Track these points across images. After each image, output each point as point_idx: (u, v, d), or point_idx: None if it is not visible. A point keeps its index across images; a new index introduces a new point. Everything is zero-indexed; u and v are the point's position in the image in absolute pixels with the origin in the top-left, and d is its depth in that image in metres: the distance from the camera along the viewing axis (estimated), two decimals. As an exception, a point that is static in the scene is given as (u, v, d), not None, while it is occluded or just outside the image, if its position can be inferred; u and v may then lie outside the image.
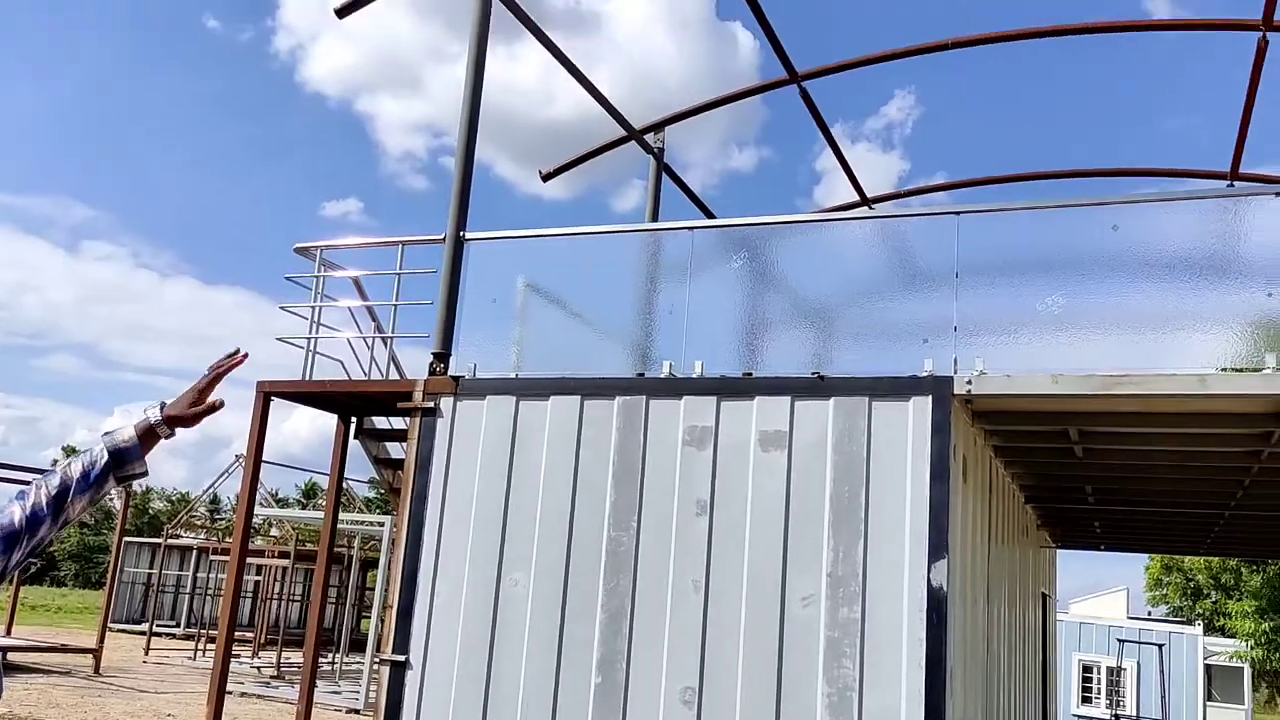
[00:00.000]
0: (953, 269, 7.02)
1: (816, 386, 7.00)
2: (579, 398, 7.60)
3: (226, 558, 30.79)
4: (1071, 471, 9.53)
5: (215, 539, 34.28)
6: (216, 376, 2.39)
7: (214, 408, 2.42)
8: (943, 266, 7.11)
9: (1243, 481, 9.15)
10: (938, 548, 6.48)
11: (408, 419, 8.03)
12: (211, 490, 35.76)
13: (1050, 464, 9.24)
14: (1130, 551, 28.62)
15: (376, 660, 8.55)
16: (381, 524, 25.63)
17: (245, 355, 2.50)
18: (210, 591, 32.37)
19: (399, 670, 7.55)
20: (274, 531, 35.92)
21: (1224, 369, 6.31)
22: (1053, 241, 7.02)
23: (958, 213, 7.10)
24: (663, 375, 7.48)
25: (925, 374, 6.77)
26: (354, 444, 9.58)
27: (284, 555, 31.90)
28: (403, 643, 7.60)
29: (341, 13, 8.88)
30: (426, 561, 7.68)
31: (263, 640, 30.46)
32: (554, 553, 7.38)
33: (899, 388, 6.81)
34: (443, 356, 8.06)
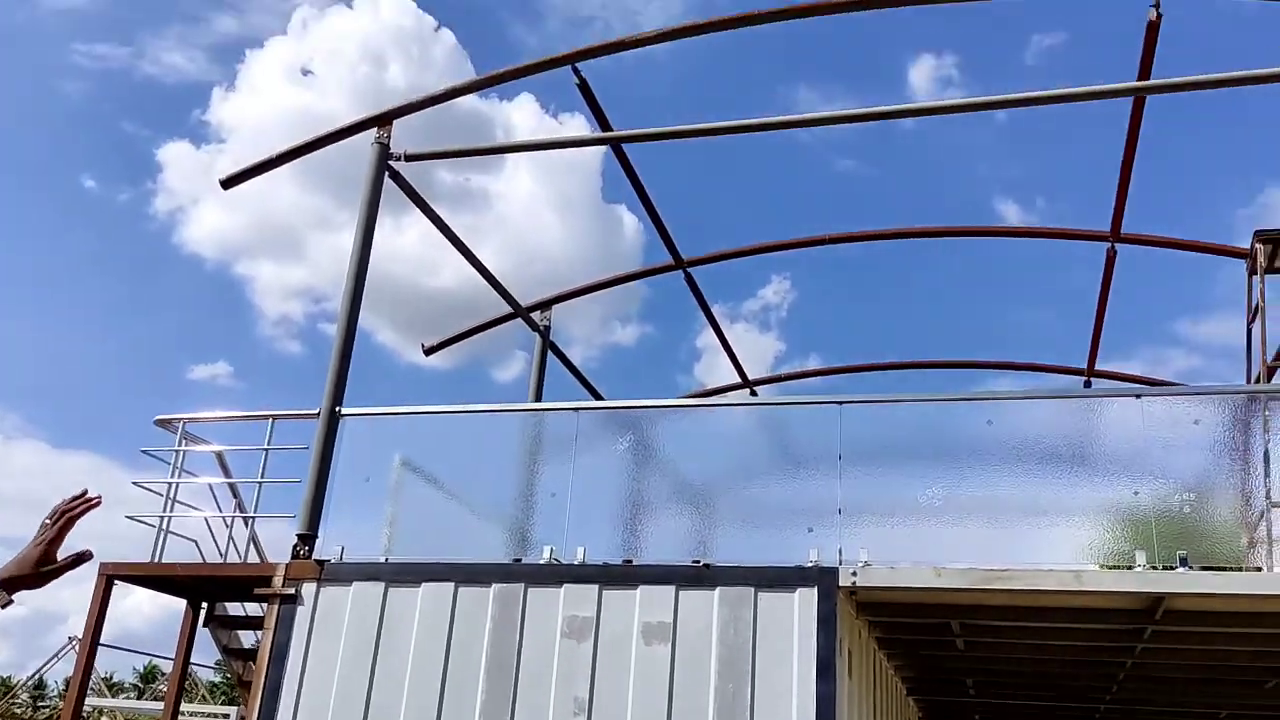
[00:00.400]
0: (836, 456, 7.04)
1: (702, 576, 6.82)
2: (452, 585, 7.23)
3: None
4: (954, 664, 9.45)
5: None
6: (67, 522, 2.00)
7: (77, 561, 2.04)
8: (827, 454, 7.12)
9: (1118, 676, 9.20)
10: (824, 748, 6.23)
11: (264, 606, 7.48)
12: (38, 675, 32.94)
13: (933, 656, 9.16)
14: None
15: None
16: (227, 715, 23.82)
17: (99, 499, 2.13)
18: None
19: None
20: (107, 720, 33.03)
21: (1100, 565, 6.40)
22: (932, 433, 7.13)
23: (840, 402, 7.18)
24: (543, 561, 7.19)
25: (811, 564, 6.68)
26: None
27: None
28: None
29: (227, 184, 8.76)
30: (277, 765, 7.02)
31: (84, 845, 27.41)
32: (419, 755, 6.84)
33: (785, 578, 6.68)
34: (308, 538, 7.61)
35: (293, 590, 7.36)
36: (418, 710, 6.93)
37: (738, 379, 15.10)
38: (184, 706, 28.49)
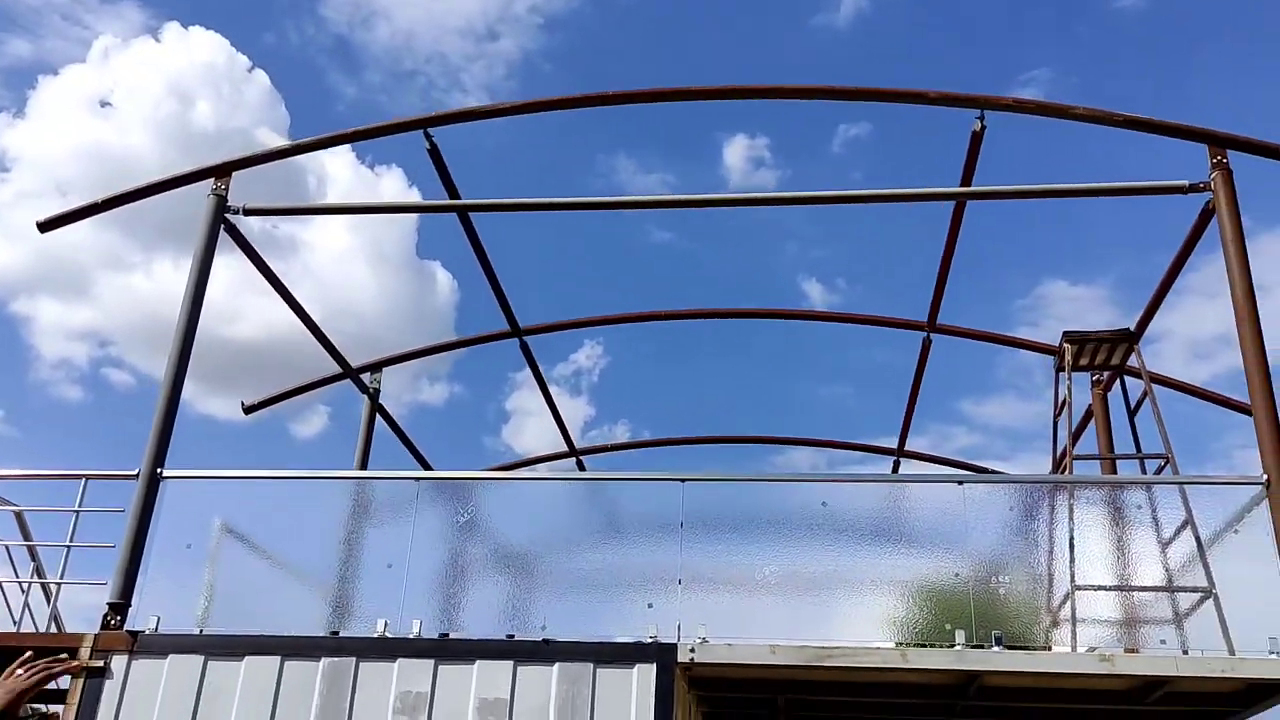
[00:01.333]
0: (677, 532, 7.19)
1: (540, 651, 6.79)
2: (278, 658, 6.93)
3: None
4: (773, 737, 9.67)
5: None
6: (46, 678, 1.88)
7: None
8: (667, 529, 7.27)
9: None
10: (659, 827, 6.26)
11: (69, 680, 6.95)
12: None
13: (754, 729, 9.34)
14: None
15: None
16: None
17: (79, 665, 2.01)
18: None
19: None
20: None
21: (911, 644, 6.75)
22: (770, 511, 7.36)
23: (683, 479, 7.36)
24: (376, 635, 7.00)
25: (651, 640, 6.76)
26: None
27: None
28: None
29: (44, 227, 8.28)
30: None
31: None
32: (234, 842, 6.47)
33: (624, 654, 6.73)
34: (120, 607, 7.15)
35: (101, 663, 6.88)
36: (235, 793, 6.56)
37: (548, 444, 15.23)
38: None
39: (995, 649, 6.50)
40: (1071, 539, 6.83)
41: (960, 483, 7.13)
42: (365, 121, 8.73)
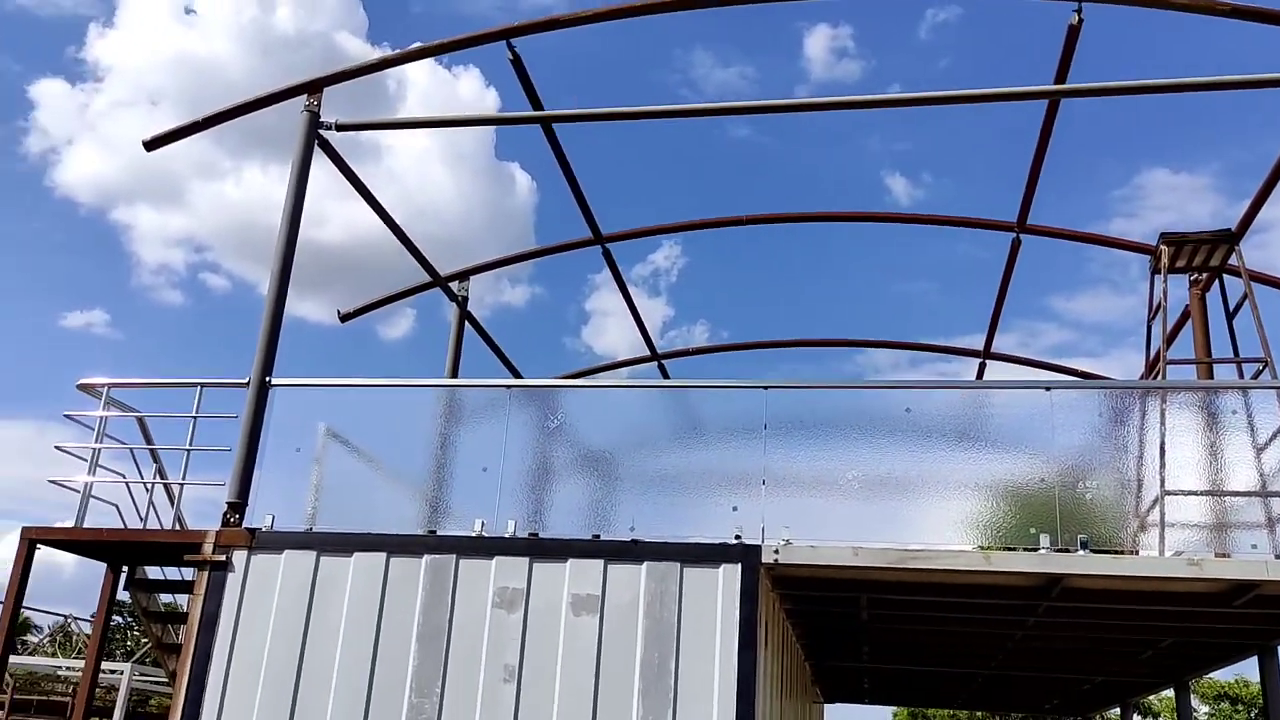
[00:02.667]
0: (761, 437, 7.34)
1: (629, 550, 7.07)
2: (384, 555, 7.34)
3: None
4: (854, 633, 9.94)
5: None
6: None
7: None
8: (751, 433, 7.42)
9: (1005, 645, 9.81)
10: (745, 714, 6.57)
11: (194, 572, 7.48)
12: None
13: (837, 626, 9.62)
14: (892, 705, 29.77)
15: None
16: (120, 671, 23.37)
17: None
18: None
19: None
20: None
21: (995, 547, 6.85)
22: (854, 416, 7.45)
23: (766, 387, 7.49)
24: (474, 534, 7.35)
25: (735, 542, 6.98)
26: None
27: (-6, 706, 28.43)
28: (170, 824, 6.89)
29: (150, 145, 8.58)
30: (205, 731, 7.06)
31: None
32: (349, 721, 6.97)
33: (709, 554, 6.97)
34: (238, 506, 7.62)
35: (223, 557, 7.38)
36: (350, 678, 7.05)
37: (629, 345, 15.40)
38: (72, 662, 27.79)
39: (1080, 552, 6.57)
40: (1162, 444, 6.81)
41: (1048, 388, 7.11)
42: (441, 21, 9.10)
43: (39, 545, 7.85)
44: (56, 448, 8.16)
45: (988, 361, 14.44)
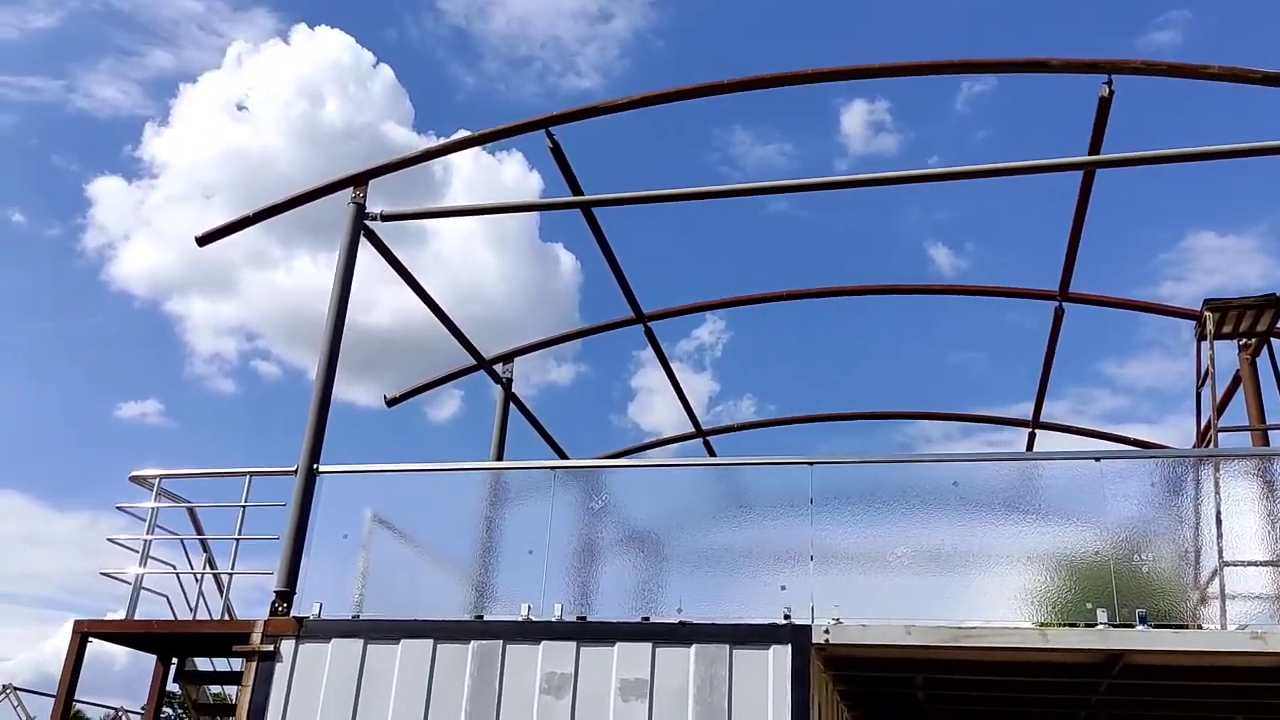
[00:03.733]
0: (808, 516, 7.28)
1: (677, 632, 6.99)
2: (431, 641, 7.32)
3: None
4: (911, 715, 9.70)
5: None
6: None
7: None
8: (798, 512, 7.36)
9: (1069, 724, 9.52)
10: (801, 803, 6.41)
11: (243, 662, 7.50)
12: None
13: (893, 709, 9.39)
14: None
15: None
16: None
17: None
18: None
19: None
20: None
21: (1052, 623, 6.69)
22: (899, 491, 7.36)
23: (811, 463, 7.44)
24: (521, 618, 7.31)
25: (785, 622, 6.89)
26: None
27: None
28: None
29: (202, 241, 8.84)
30: (253, 825, 7.02)
31: None
32: (398, 813, 6.89)
33: (758, 635, 6.88)
34: (286, 595, 7.66)
35: (271, 647, 7.39)
36: (397, 768, 6.98)
37: (675, 421, 15.38)
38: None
39: (1140, 628, 6.40)
40: (1219, 513, 6.66)
41: (1097, 459, 7.00)
42: (485, 110, 9.42)
43: (91, 639, 7.92)
44: (109, 540, 8.28)
45: (1037, 431, 14.26)
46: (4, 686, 34.44)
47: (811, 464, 7.45)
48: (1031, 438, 14.39)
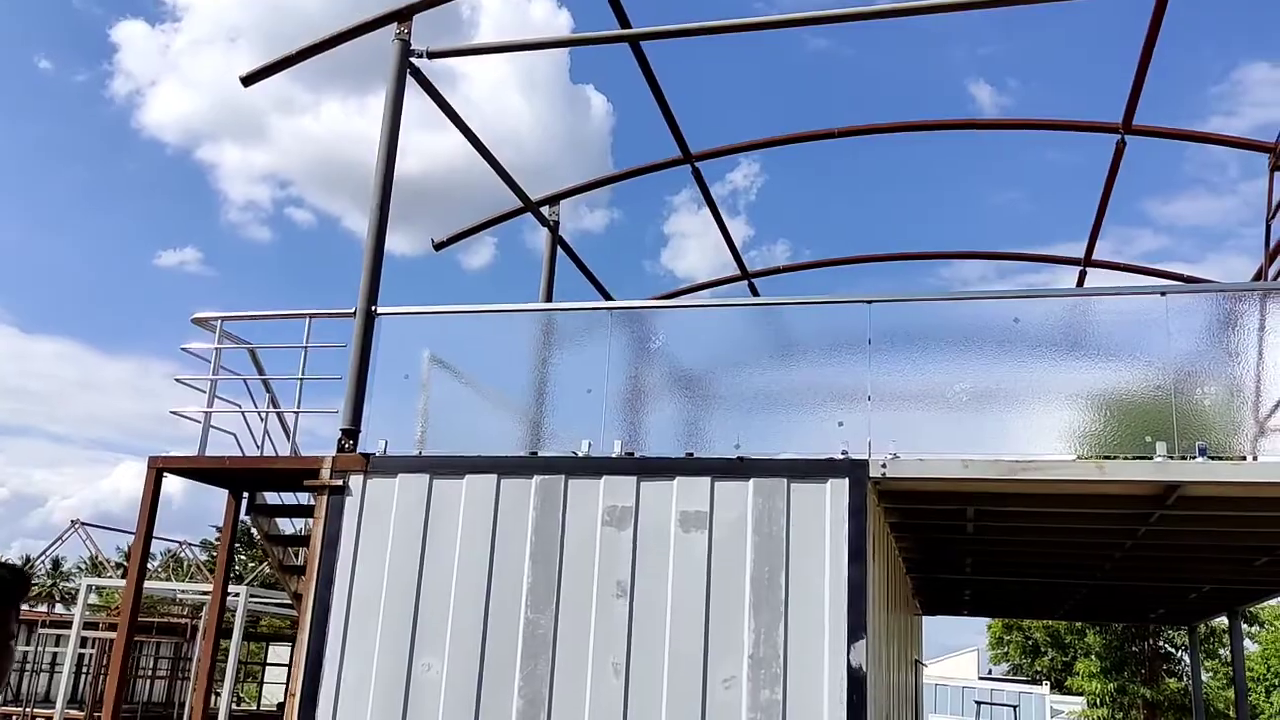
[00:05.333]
0: (866, 352, 7.29)
1: (736, 468, 7.12)
2: (495, 476, 7.52)
3: (59, 630, 28.77)
4: (959, 546, 9.93)
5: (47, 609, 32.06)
6: None
7: None
8: (856, 350, 7.37)
9: (1113, 555, 9.71)
10: (856, 629, 6.64)
11: (313, 497, 7.76)
12: (52, 554, 33.51)
13: (941, 539, 9.61)
14: (991, 616, 29.78)
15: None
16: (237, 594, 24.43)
17: None
18: (37, 667, 30.07)
19: (302, 763, 7.21)
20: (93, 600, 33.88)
21: (1109, 456, 6.74)
22: (959, 329, 7.34)
23: (869, 301, 7.40)
24: (581, 454, 7.47)
25: (842, 457, 6.99)
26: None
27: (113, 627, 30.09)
28: (306, 733, 7.27)
29: (247, 81, 8.70)
30: (333, 645, 7.40)
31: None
32: (469, 636, 7.23)
33: (816, 470, 6.99)
34: (352, 433, 7.85)
35: (340, 482, 7.63)
36: (467, 594, 7.28)
37: (709, 266, 15.45)
38: (185, 585, 29.22)
39: (1199, 460, 6.44)
40: (1284, 348, 6.58)
41: (1163, 293, 6.91)
42: None
43: (166, 474, 8.21)
44: (176, 380, 8.48)
45: (1088, 269, 14.05)
46: (72, 522, 36.10)
47: (870, 302, 7.41)
48: (1082, 275, 14.20)
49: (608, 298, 13.65)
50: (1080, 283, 14.13)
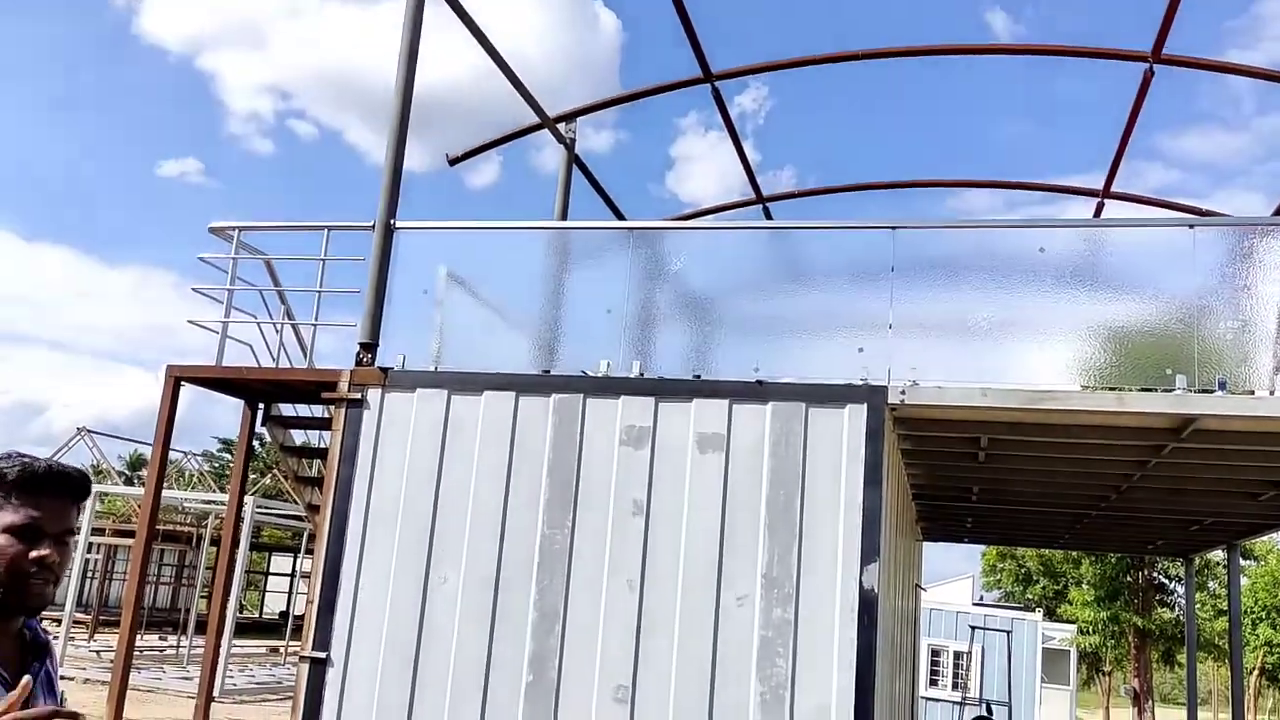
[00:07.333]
0: (888, 278, 7.26)
1: (754, 391, 7.14)
2: (513, 394, 7.54)
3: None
4: (968, 474, 10.00)
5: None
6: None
7: None
8: (877, 276, 7.34)
9: (1120, 487, 9.79)
10: (869, 552, 6.72)
11: (330, 409, 7.80)
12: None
13: (951, 466, 9.68)
14: (991, 544, 30.18)
15: (297, 657, 8.30)
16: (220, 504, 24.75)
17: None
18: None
19: (319, 668, 7.37)
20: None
21: (1129, 388, 6.75)
22: (983, 257, 7.30)
23: (894, 227, 7.35)
24: (600, 374, 7.49)
25: (861, 383, 7.00)
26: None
27: (123, 534, 30.52)
28: (324, 639, 7.41)
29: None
30: (350, 556, 7.50)
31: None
32: (485, 550, 7.32)
33: (835, 395, 7.01)
34: (370, 346, 7.86)
35: (358, 395, 7.66)
36: (483, 508, 7.36)
37: (716, 191, 15.37)
38: (187, 493, 29.60)
39: (1219, 393, 6.45)
40: (1310, 284, 6.55)
41: (1191, 226, 6.86)
42: None
43: (183, 383, 8.23)
44: (194, 289, 8.46)
45: (1106, 201, 13.92)
46: (78, 429, 36.36)
47: (894, 228, 7.36)
48: (1100, 208, 14.07)
49: (621, 219, 13.55)
50: (1098, 215, 14.01)
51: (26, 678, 1.92)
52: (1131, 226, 7.41)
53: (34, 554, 2.11)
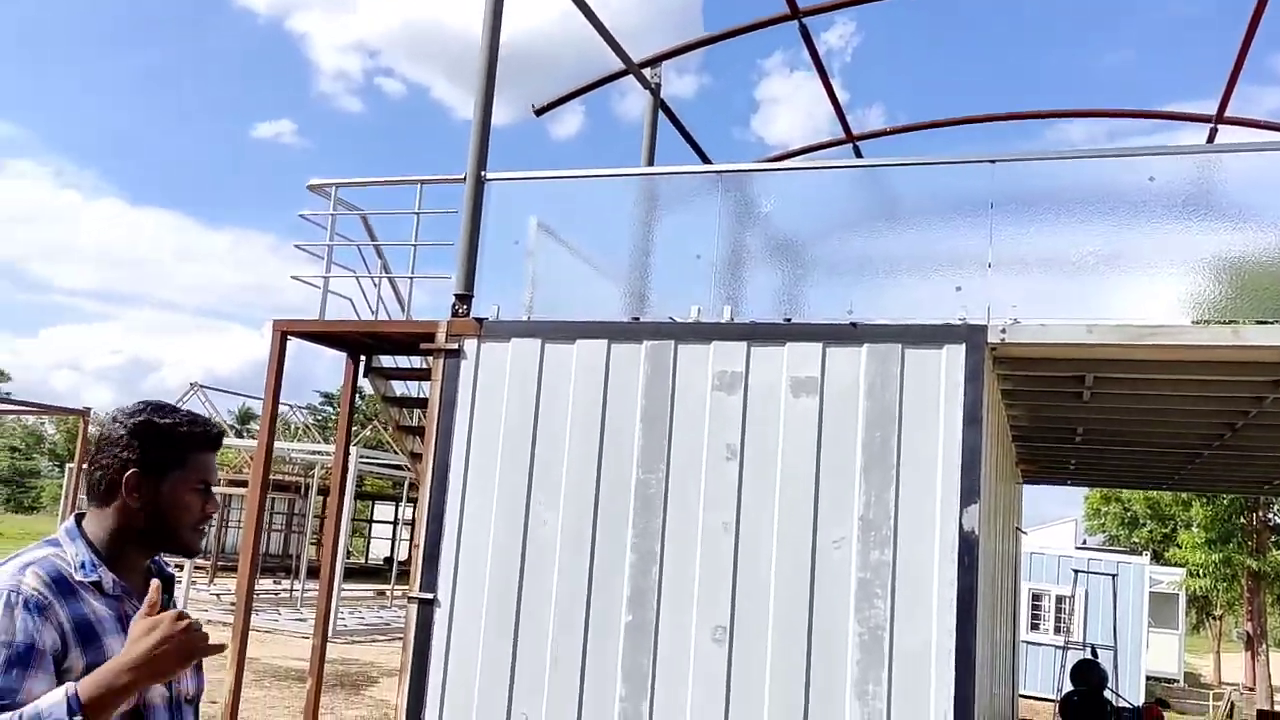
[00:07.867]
0: (984, 215, 7.08)
1: (849, 333, 7.05)
2: (605, 341, 7.58)
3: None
4: (1071, 414, 9.76)
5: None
6: (207, 651, 2.16)
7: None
8: (975, 212, 7.16)
9: (1235, 425, 9.44)
10: (970, 493, 6.62)
11: (429, 360, 7.95)
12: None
13: (1053, 406, 9.45)
14: (1095, 486, 29.51)
15: (405, 597, 8.57)
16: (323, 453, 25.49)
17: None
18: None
19: (427, 608, 7.59)
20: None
21: (1244, 321, 6.48)
22: (1085, 190, 7.05)
23: (993, 160, 7.13)
24: (691, 320, 7.48)
25: (959, 322, 6.86)
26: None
27: (236, 484, 31.72)
28: (430, 581, 7.62)
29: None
30: (453, 502, 7.68)
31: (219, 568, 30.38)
32: (582, 494, 7.42)
33: (932, 335, 6.88)
34: (465, 298, 7.97)
35: (455, 346, 7.79)
36: (580, 455, 7.45)
37: (802, 133, 15.02)
38: (298, 445, 30.64)
39: (1342, 326, 6.15)
40: None
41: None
42: None
43: (290, 338, 8.47)
44: (296, 246, 8.67)
45: (1219, 127, 13.27)
46: (191, 384, 37.81)
47: (993, 161, 7.14)
48: (1212, 134, 13.43)
49: (708, 163, 13.42)
50: (1210, 141, 13.37)
51: (156, 581, 2.11)
52: (1248, 151, 7.06)
53: (208, 509, 2.38)
